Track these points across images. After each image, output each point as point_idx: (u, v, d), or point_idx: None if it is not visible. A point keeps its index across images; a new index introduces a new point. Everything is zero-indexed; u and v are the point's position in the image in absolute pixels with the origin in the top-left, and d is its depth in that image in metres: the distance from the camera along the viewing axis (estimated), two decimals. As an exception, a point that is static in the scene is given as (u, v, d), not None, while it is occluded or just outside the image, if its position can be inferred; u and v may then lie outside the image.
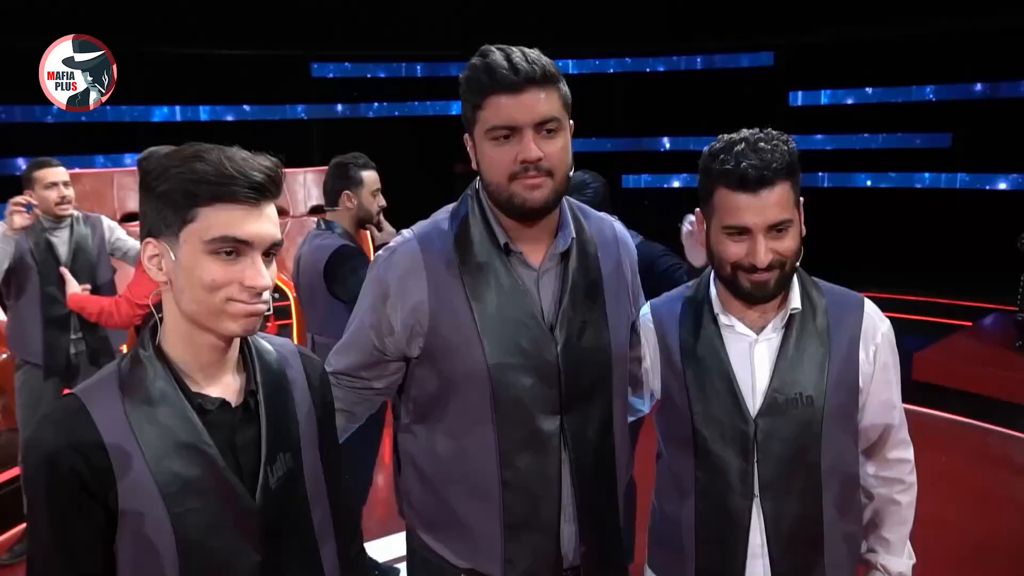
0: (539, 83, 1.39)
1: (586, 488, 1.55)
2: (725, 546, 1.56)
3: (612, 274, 1.60)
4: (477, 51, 1.44)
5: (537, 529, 1.52)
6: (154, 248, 1.12)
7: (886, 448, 1.65)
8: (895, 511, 1.66)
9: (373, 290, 1.54)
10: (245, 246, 1.09)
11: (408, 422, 1.62)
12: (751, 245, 1.46)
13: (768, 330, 1.56)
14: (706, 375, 1.57)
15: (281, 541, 1.21)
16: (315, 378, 1.33)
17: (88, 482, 1.06)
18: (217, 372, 1.18)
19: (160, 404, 1.11)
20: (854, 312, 1.58)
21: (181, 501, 1.10)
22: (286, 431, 1.23)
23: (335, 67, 10.03)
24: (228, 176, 1.07)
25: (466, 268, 1.48)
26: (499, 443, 1.48)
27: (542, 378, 1.48)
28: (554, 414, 1.50)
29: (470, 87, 1.43)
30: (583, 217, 1.62)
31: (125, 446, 1.08)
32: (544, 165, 1.41)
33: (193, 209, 1.07)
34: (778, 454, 1.52)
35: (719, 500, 1.56)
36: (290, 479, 1.22)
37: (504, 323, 1.47)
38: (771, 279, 1.49)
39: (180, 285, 1.11)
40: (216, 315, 1.10)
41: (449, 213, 1.57)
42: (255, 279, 1.09)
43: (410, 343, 1.51)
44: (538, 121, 1.40)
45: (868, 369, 1.57)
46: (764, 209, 1.44)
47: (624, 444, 1.64)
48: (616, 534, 1.63)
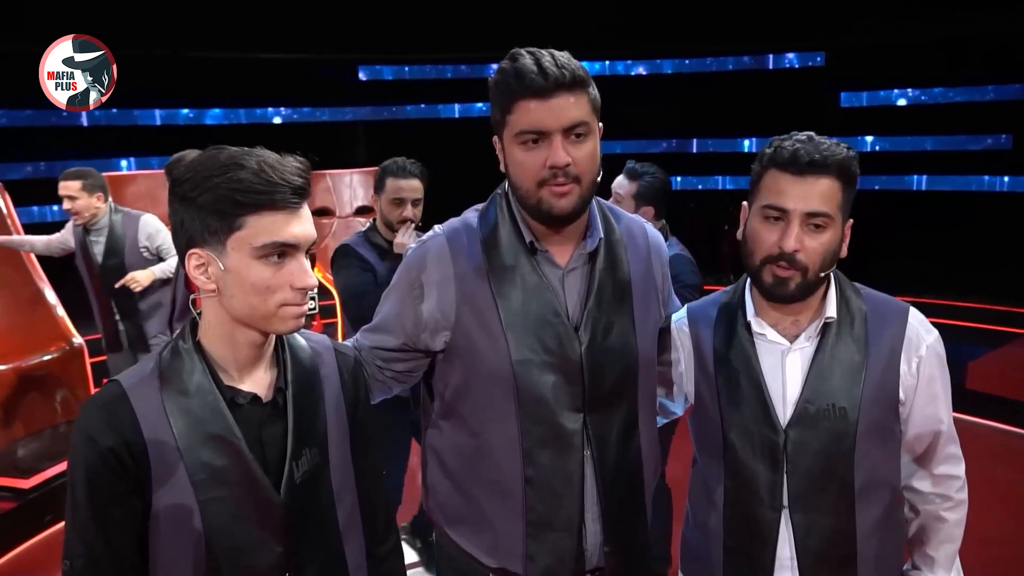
0: (568, 88, 1.38)
1: (611, 488, 1.54)
2: (752, 557, 1.53)
3: (641, 276, 1.59)
4: (507, 55, 1.44)
5: (559, 527, 1.52)
6: (199, 258, 1.15)
7: (932, 463, 1.59)
8: (941, 528, 1.60)
9: (402, 282, 1.57)
10: (292, 248, 1.14)
11: (434, 417, 1.64)
12: (784, 229, 1.43)
13: (802, 339, 1.53)
14: (737, 383, 1.54)
15: (305, 534, 1.24)
16: (348, 374, 1.36)
17: (125, 463, 1.12)
18: (251, 368, 1.22)
19: (195, 395, 1.17)
20: (896, 321, 1.52)
21: (208, 489, 1.15)
22: (313, 427, 1.26)
23: (382, 70, 10.14)
24: (273, 184, 1.11)
25: (493, 266, 1.49)
26: (522, 440, 1.49)
27: (565, 376, 1.48)
28: (577, 412, 1.50)
29: (499, 91, 1.43)
30: (614, 218, 1.61)
31: (160, 432, 1.14)
32: (572, 171, 1.41)
33: (240, 218, 1.11)
34: (809, 466, 1.48)
35: (747, 510, 1.53)
36: (315, 474, 1.25)
37: (528, 320, 1.47)
38: (792, 278, 1.45)
39: (231, 291, 1.15)
40: (269, 318, 1.16)
41: (478, 212, 1.59)
42: (304, 279, 1.15)
43: (435, 337, 1.53)
44: (567, 126, 1.39)
45: (911, 381, 1.51)
46: (807, 195, 1.42)
47: (651, 446, 1.63)
48: (642, 536, 1.62)
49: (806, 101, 9.45)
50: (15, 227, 5.06)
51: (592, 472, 1.52)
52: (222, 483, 1.16)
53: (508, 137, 1.44)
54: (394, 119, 10.16)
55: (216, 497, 1.15)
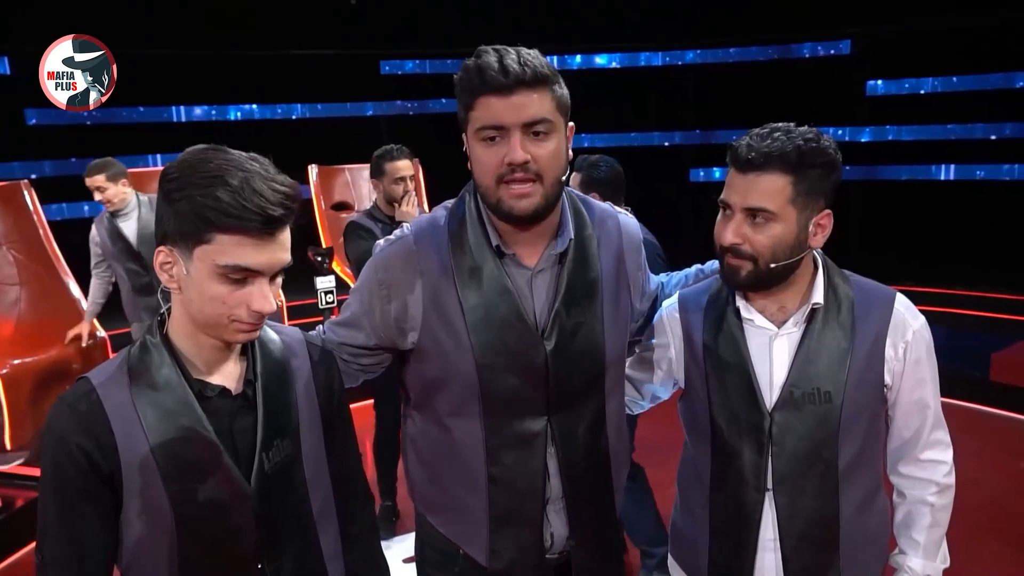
0: (529, 85, 1.37)
1: (576, 483, 1.55)
2: (737, 539, 1.55)
3: (611, 272, 1.58)
4: (473, 52, 1.43)
5: (521, 523, 1.54)
6: (167, 256, 1.17)
7: (918, 448, 1.60)
8: (927, 513, 1.60)
9: (370, 281, 1.56)
10: (255, 273, 1.15)
11: (407, 407, 1.66)
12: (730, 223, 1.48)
13: (789, 324, 1.55)
14: (725, 367, 1.56)
15: (278, 524, 1.26)
16: (320, 365, 1.38)
17: (94, 460, 1.14)
18: (219, 362, 1.24)
19: (163, 389, 1.18)
20: (882, 307, 1.54)
21: (180, 481, 1.17)
22: (284, 418, 1.28)
23: (403, 65, 10.18)
24: (247, 210, 1.11)
25: (459, 268, 1.48)
26: (486, 440, 1.50)
27: (529, 379, 1.49)
28: (540, 415, 1.51)
29: (462, 88, 1.42)
30: (586, 211, 1.59)
31: (130, 427, 1.15)
32: (532, 168, 1.39)
33: (210, 233, 1.12)
34: (793, 449, 1.50)
35: (732, 492, 1.55)
36: (287, 464, 1.27)
37: (492, 324, 1.47)
38: (743, 267, 1.48)
39: (190, 295, 1.17)
40: (219, 327, 1.18)
41: (447, 210, 1.57)
42: (261, 305, 1.16)
43: (402, 337, 1.53)
44: (526, 122, 1.37)
45: (896, 367, 1.53)
46: (746, 190, 1.45)
47: (619, 438, 1.64)
48: (611, 528, 1.64)
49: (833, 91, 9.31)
50: (41, 225, 5.19)
51: (556, 468, 1.53)
52: (194, 475, 1.18)
53: (470, 134, 1.44)
54: (416, 114, 10.19)
55: (188, 488, 1.17)
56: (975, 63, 8.79)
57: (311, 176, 6.74)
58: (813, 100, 8.92)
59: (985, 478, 4.04)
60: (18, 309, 5.08)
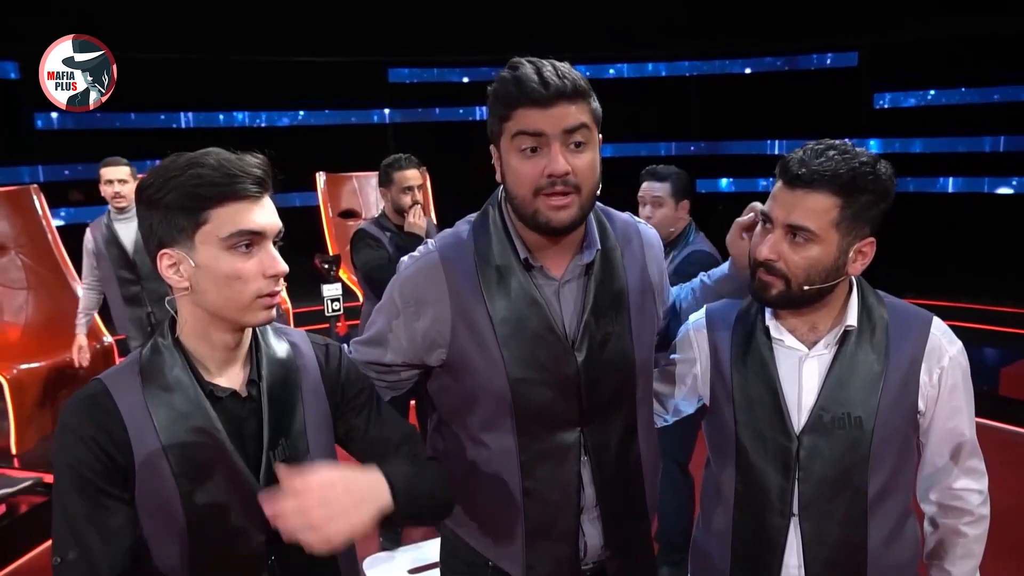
0: (569, 97, 1.36)
1: (610, 493, 1.54)
2: (759, 563, 1.52)
3: (637, 281, 1.57)
4: (507, 64, 1.43)
5: (556, 536, 1.52)
6: (171, 258, 1.19)
7: (951, 477, 1.55)
8: (960, 543, 1.56)
9: (394, 299, 1.54)
10: (259, 236, 1.18)
11: (436, 422, 1.64)
12: (769, 237, 1.44)
13: (820, 346, 1.50)
14: (752, 387, 1.52)
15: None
16: (329, 362, 1.39)
17: (110, 455, 1.15)
18: (228, 364, 1.26)
19: (175, 390, 1.20)
20: (918, 331, 1.49)
21: (191, 480, 1.18)
22: (289, 418, 1.29)
23: (411, 72, 10.20)
24: (232, 175, 1.15)
25: (486, 281, 1.47)
26: (520, 454, 1.49)
27: (561, 392, 1.47)
28: (574, 426, 1.50)
29: (498, 99, 1.41)
30: (608, 222, 1.59)
31: (142, 426, 1.17)
32: (572, 180, 1.37)
33: (205, 212, 1.15)
34: (821, 474, 1.46)
35: (756, 515, 1.51)
36: (294, 463, 1.26)
37: (523, 337, 1.45)
38: (773, 285, 1.44)
39: (204, 287, 1.18)
40: (243, 309, 1.19)
41: (471, 224, 1.56)
42: (275, 266, 1.19)
43: (430, 353, 1.51)
44: (566, 128, 1.36)
45: (931, 392, 1.49)
46: (791, 206, 1.40)
47: (651, 447, 1.63)
48: (644, 538, 1.62)
49: (839, 102, 9.31)
50: (49, 229, 5.19)
51: (590, 478, 1.52)
52: (205, 474, 1.19)
53: (505, 144, 1.42)
54: (423, 121, 10.21)
55: (199, 488, 1.19)
56: (982, 75, 8.79)
57: (319, 183, 6.73)
58: (820, 111, 8.93)
59: (994, 494, 3.97)
60: (25, 313, 5.09)
